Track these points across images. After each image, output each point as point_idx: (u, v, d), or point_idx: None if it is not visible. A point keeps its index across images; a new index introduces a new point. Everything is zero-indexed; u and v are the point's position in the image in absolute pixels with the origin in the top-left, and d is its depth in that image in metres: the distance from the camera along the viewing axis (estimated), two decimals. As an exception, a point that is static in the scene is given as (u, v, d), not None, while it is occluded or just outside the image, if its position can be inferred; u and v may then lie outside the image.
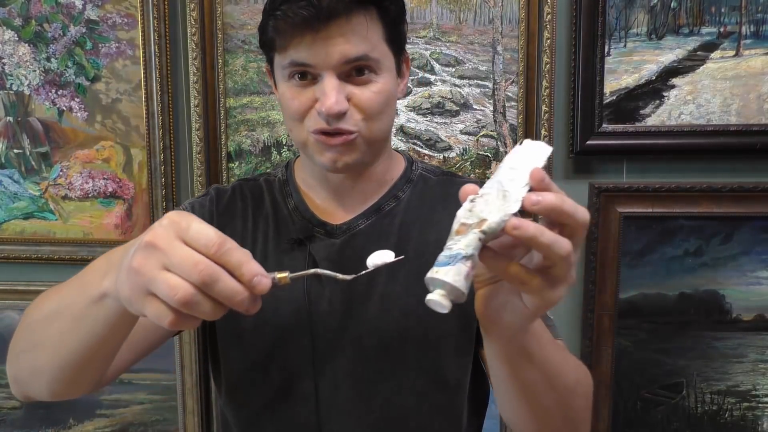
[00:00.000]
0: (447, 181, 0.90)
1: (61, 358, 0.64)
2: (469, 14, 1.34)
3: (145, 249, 0.48)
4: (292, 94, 0.75)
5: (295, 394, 0.82)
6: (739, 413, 1.42)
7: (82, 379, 0.68)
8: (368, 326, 0.80)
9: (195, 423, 1.48)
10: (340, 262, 0.81)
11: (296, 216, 0.84)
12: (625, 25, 1.32)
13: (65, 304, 0.63)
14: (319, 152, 0.76)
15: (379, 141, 0.80)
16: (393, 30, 0.76)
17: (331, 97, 0.71)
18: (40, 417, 1.53)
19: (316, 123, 0.74)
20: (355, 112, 0.74)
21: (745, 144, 1.32)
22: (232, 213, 0.86)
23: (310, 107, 0.74)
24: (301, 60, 0.72)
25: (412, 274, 0.82)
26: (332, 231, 0.83)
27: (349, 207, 0.84)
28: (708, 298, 1.38)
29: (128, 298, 0.51)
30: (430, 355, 0.82)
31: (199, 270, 0.46)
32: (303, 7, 0.68)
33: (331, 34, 0.70)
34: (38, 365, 0.67)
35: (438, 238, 0.82)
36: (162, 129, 1.39)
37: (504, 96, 1.35)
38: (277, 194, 0.87)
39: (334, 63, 0.71)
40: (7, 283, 1.49)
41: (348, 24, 0.70)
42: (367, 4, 0.71)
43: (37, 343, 0.66)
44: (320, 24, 0.69)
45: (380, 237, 0.83)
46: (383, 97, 0.75)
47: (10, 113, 1.44)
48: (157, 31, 1.36)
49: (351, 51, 0.71)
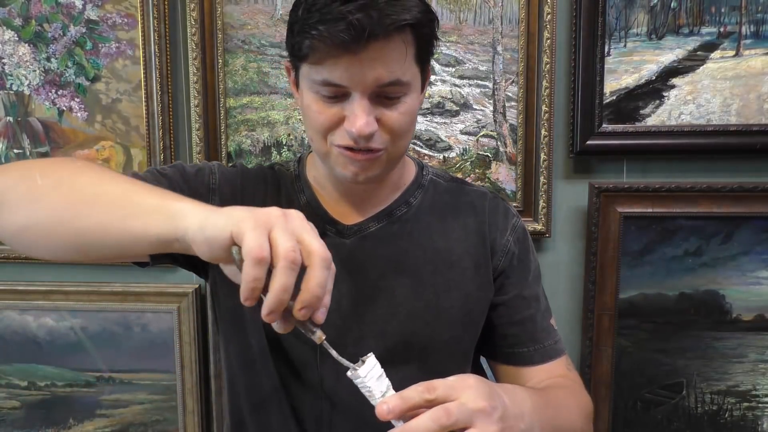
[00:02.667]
0: (457, 189, 0.90)
1: (74, 237, 0.64)
2: (469, 14, 1.34)
3: (279, 214, 0.57)
4: (319, 108, 0.74)
5: (301, 382, 0.82)
6: (739, 413, 1.42)
7: (70, 255, 0.68)
8: (373, 327, 0.81)
9: (195, 423, 1.48)
10: (349, 263, 0.81)
11: (308, 211, 0.84)
12: (625, 25, 1.32)
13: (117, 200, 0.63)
14: (342, 165, 0.76)
15: (401, 156, 0.81)
16: (425, 50, 0.75)
17: (362, 119, 0.71)
18: (40, 417, 1.53)
19: (342, 139, 0.74)
20: (382, 132, 0.74)
21: (745, 144, 1.32)
22: (252, 195, 0.85)
23: (336, 123, 0.73)
24: (335, 81, 0.71)
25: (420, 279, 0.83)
26: (343, 231, 0.83)
27: (360, 210, 0.85)
28: (708, 298, 1.38)
29: (239, 220, 0.55)
30: (434, 358, 0.83)
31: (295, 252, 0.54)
32: (343, 30, 0.66)
33: (368, 57, 0.69)
34: (41, 223, 0.65)
35: (447, 247, 0.85)
36: (162, 129, 1.39)
37: (504, 96, 1.35)
38: (290, 187, 0.87)
39: (367, 86, 0.71)
40: (7, 283, 1.49)
41: (386, 47, 0.69)
42: (405, 27, 0.70)
43: (58, 208, 0.65)
44: (359, 47, 0.68)
45: (390, 241, 0.84)
46: (410, 116, 0.76)
47: (10, 113, 1.44)
48: (157, 31, 1.36)
49: (386, 76, 0.71)
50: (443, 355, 0.83)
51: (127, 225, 0.61)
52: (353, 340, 0.80)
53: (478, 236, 0.86)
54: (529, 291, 0.89)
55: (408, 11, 0.69)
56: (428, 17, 0.73)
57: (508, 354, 0.88)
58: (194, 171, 0.85)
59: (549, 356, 0.87)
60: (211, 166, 0.88)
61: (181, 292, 1.44)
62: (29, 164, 0.73)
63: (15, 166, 0.73)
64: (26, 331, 1.50)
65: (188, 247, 0.59)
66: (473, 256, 0.85)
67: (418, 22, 0.71)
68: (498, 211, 0.89)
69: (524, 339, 0.87)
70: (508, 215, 0.89)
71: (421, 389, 0.57)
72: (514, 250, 0.87)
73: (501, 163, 1.37)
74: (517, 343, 0.87)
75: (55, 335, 1.49)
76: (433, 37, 0.76)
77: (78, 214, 0.64)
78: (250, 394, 0.85)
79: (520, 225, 0.90)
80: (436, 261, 0.84)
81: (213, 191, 0.84)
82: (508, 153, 1.37)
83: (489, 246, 0.86)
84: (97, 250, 0.66)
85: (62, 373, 1.51)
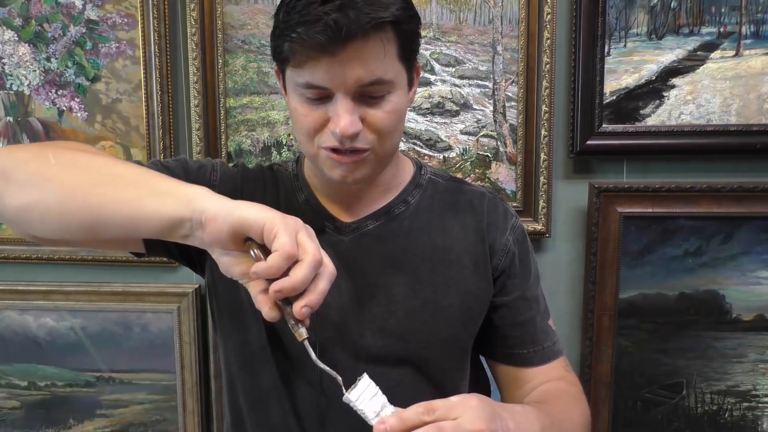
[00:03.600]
0: (456, 188, 0.90)
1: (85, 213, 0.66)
2: (469, 14, 1.34)
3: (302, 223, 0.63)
4: (305, 110, 0.74)
5: (301, 379, 0.82)
6: (739, 413, 1.42)
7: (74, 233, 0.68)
8: (372, 325, 0.81)
9: (195, 423, 1.48)
10: (347, 260, 0.81)
11: (306, 209, 0.85)
12: (625, 25, 1.32)
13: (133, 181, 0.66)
14: (330, 168, 0.76)
15: (390, 155, 0.81)
16: (407, 47, 0.75)
17: (345, 119, 0.71)
18: (40, 417, 1.53)
19: (328, 140, 0.74)
20: (367, 132, 0.74)
21: (745, 144, 1.32)
22: (251, 195, 0.86)
23: (322, 125, 0.74)
24: (316, 83, 0.71)
25: (418, 277, 0.83)
26: (341, 228, 0.84)
27: (358, 208, 0.85)
28: (708, 298, 1.38)
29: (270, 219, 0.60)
30: (433, 356, 0.83)
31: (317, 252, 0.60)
32: (320, 32, 0.66)
33: (348, 58, 0.69)
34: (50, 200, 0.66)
35: (446, 245, 0.85)
36: (162, 129, 1.40)
37: (504, 96, 1.35)
38: (288, 186, 0.88)
39: (349, 86, 0.71)
40: (7, 283, 1.49)
41: (365, 47, 0.69)
42: (384, 25, 0.70)
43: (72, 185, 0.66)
44: (337, 48, 0.67)
45: (388, 239, 0.84)
46: (396, 115, 0.75)
47: (10, 113, 1.44)
48: (157, 31, 1.36)
49: (366, 76, 0.70)
50: (442, 353, 0.83)
51: (142, 203, 0.64)
52: (352, 338, 0.81)
53: (477, 235, 0.86)
54: (531, 292, 0.89)
55: (386, 9, 0.69)
56: (408, 13, 0.73)
57: (508, 354, 0.89)
58: (197, 167, 0.86)
59: (548, 357, 0.88)
60: (214, 163, 0.88)
61: (181, 292, 1.44)
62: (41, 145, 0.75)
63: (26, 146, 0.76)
64: (26, 331, 1.50)
65: (197, 230, 0.62)
66: (472, 254, 0.85)
67: (397, 20, 0.70)
68: (497, 212, 0.89)
69: (525, 340, 0.88)
70: (507, 215, 0.89)
71: (421, 410, 0.58)
72: (514, 250, 0.88)
73: (501, 163, 1.37)
74: (517, 345, 0.88)
75: (55, 335, 1.49)
76: (416, 33, 0.76)
77: (92, 191, 0.66)
78: (249, 392, 0.85)
79: (519, 225, 0.90)
80: (435, 259, 0.84)
81: (213, 188, 0.84)
82: (508, 153, 1.37)
83: (488, 245, 0.86)
84: (104, 228, 0.66)
85: (62, 373, 1.51)
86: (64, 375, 1.51)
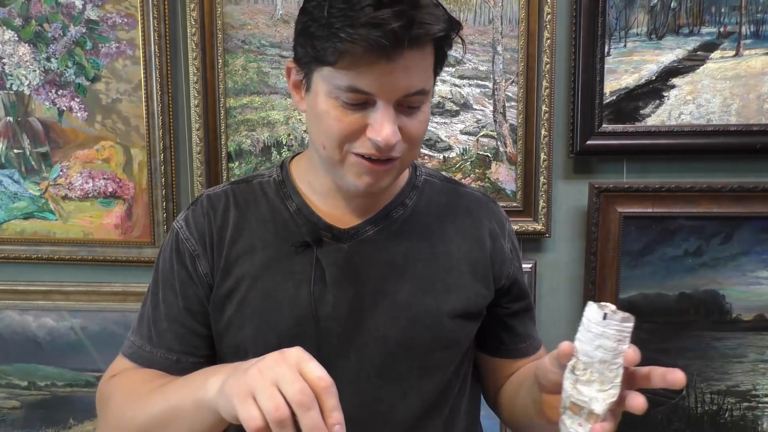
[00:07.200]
0: (452, 191, 0.90)
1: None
2: (469, 14, 1.34)
3: (269, 361, 0.57)
4: (338, 114, 0.71)
5: None
6: (739, 413, 1.42)
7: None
8: (375, 334, 0.80)
9: (195, 423, 1.48)
10: (347, 268, 0.80)
11: (300, 219, 0.82)
12: (625, 25, 1.32)
13: (171, 404, 0.70)
14: (356, 175, 0.74)
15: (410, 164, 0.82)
16: (441, 59, 0.75)
17: (388, 128, 0.69)
18: (40, 417, 1.53)
19: (362, 147, 0.72)
20: (402, 141, 0.73)
21: (745, 144, 1.32)
22: (225, 224, 0.83)
23: (358, 132, 0.71)
24: (362, 87, 0.68)
25: (419, 283, 0.82)
26: (339, 235, 0.82)
27: (355, 214, 0.83)
28: (708, 298, 1.38)
29: (229, 395, 0.58)
30: (435, 361, 0.83)
31: (303, 393, 0.54)
32: (381, 36, 0.64)
33: (401, 66, 0.67)
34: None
35: (446, 250, 0.84)
36: (162, 129, 1.40)
37: (504, 96, 1.35)
38: (273, 196, 0.84)
39: (395, 95, 0.69)
40: (7, 283, 1.49)
41: (417, 57, 0.68)
42: (438, 38, 0.70)
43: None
44: (396, 54, 0.66)
45: (388, 245, 0.83)
46: (426, 125, 0.76)
47: (10, 113, 1.44)
48: (157, 31, 1.36)
49: (414, 86, 0.70)
50: (444, 359, 0.83)
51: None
52: (355, 348, 0.79)
53: (475, 240, 0.86)
54: (525, 291, 0.93)
55: (439, 22, 0.68)
56: (454, 28, 0.72)
57: (509, 350, 0.92)
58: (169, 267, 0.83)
59: (538, 346, 0.94)
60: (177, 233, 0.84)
61: (181, 292, 1.44)
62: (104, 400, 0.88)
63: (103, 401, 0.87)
64: (26, 331, 1.50)
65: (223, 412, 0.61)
66: (471, 261, 0.85)
67: (447, 35, 0.71)
68: (494, 217, 0.90)
69: (524, 336, 0.92)
70: (503, 220, 0.91)
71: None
72: (510, 255, 0.90)
73: (501, 163, 1.37)
74: (518, 341, 0.91)
75: (55, 335, 1.49)
76: (450, 47, 0.76)
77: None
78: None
79: (512, 229, 0.93)
80: (435, 265, 0.83)
81: (197, 257, 0.82)
82: (508, 153, 1.37)
83: (487, 250, 0.87)
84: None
85: (62, 373, 1.51)
86: (64, 375, 1.51)
